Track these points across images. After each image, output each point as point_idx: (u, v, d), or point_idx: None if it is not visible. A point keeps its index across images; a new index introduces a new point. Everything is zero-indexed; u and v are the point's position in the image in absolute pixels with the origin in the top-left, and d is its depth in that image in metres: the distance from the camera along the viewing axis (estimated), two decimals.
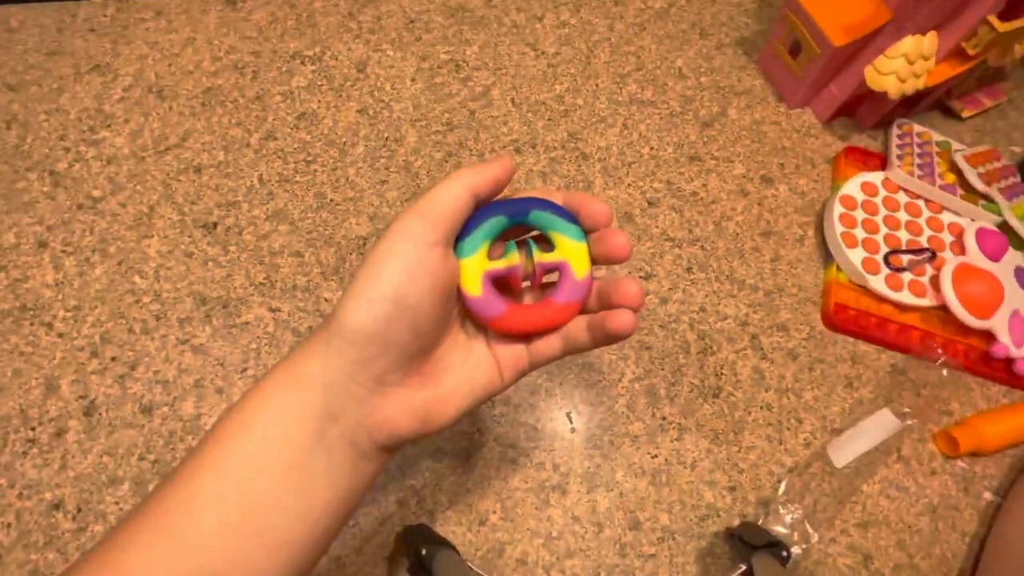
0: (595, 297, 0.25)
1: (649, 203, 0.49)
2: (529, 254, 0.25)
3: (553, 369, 0.43)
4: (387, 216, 0.48)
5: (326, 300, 0.44)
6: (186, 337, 0.42)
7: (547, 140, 0.51)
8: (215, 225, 0.46)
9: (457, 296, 0.24)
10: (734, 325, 0.46)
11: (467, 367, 0.24)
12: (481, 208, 0.24)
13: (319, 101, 0.51)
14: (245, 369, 0.41)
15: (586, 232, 0.24)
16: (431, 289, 0.21)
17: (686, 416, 0.43)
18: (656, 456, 0.41)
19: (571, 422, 0.42)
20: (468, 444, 0.41)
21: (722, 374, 0.44)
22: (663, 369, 0.44)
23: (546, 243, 0.25)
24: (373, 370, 0.21)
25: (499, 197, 0.24)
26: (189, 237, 0.46)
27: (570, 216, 0.24)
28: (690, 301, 0.46)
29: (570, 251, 0.24)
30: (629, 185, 0.50)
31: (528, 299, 0.26)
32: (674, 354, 0.45)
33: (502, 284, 0.25)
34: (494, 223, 0.24)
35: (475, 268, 0.24)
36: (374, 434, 0.21)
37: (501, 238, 0.25)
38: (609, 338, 0.23)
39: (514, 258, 0.24)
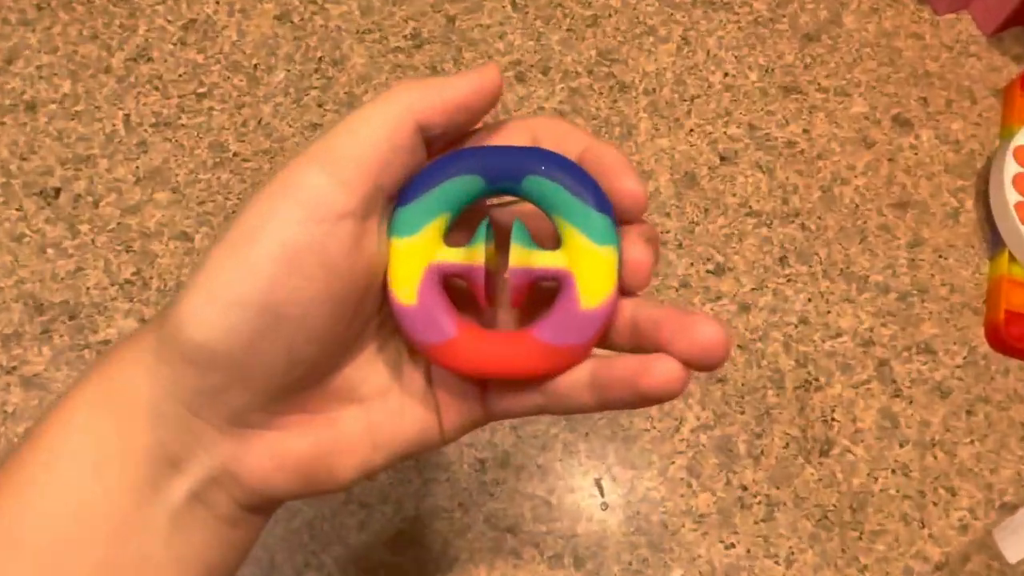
0: (626, 326, 0.21)
1: (722, 158, 0.49)
2: (506, 247, 0.21)
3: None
4: None
5: None
6: (12, 364, 0.42)
7: (565, 62, 0.50)
8: (57, 192, 0.46)
9: (382, 299, 0.21)
10: (852, 345, 0.45)
11: (386, 406, 0.22)
12: (441, 157, 0.21)
13: (218, 1, 0.50)
14: None
15: (619, 225, 0.21)
16: (327, 291, 0.19)
17: (778, 484, 0.42)
18: (733, 546, 0.41)
19: (602, 494, 0.41)
20: (446, 527, 0.40)
21: (833, 420, 0.44)
22: (743, 413, 0.43)
23: (546, 233, 0.23)
24: (226, 405, 0.20)
25: (474, 143, 0.21)
26: (17, 210, 0.45)
27: (598, 193, 0.20)
28: (784, 309, 0.46)
29: (583, 256, 0.20)
30: (691, 131, 0.49)
31: (504, 318, 0.23)
32: (760, 390, 0.44)
33: (458, 288, 0.22)
34: (459, 185, 0.21)
35: (415, 257, 0.21)
36: (235, 492, 0.21)
37: (469, 213, 0.22)
38: (638, 401, 0.20)
39: (480, 255, 0.21)
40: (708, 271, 0.47)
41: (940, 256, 0.48)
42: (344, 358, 0.22)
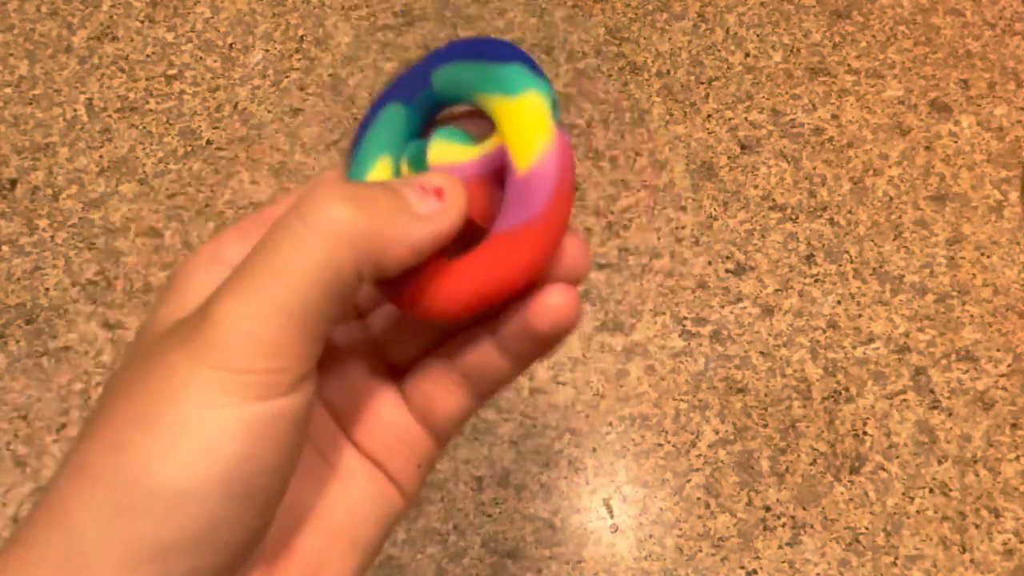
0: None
1: (743, 147, 0.48)
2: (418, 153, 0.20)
3: (580, 425, 0.42)
4: (301, 170, 0.47)
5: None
6: None
7: (571, 41, 0.50)
8: (12, 184, 0.45)
9: None
10: (885, 352, 0.44)
11: (339, 508, 0.21)
12: (374, 102, 0.20)
13: None
14: (64, 426, 0.40)
15: (541, 73, 0.19)
16: (291, 452, 0.18)
17: (805, 504, 0.41)
18: (755, 572, 0.40)
19: (611, 515, 0.41)
20: (440, 551, 0.39)
21: (865, 435, 0.43)
22: (765, 426, 0.43)
23: (474, 118, 0.20)
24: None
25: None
26: None
27: (502, 46, 0.19)
28: (811, 312, 0.45)
29: (505, 117, 0.18)
30: (709, 117, 0.48)
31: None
32: (785, 400, 0.43)
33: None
34: (387, 122, 0.19)
35: None
36: None
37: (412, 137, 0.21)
38: (541, 344, 0.19)
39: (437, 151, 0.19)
40: (728, 271, 0.46)
41: (982, 254, 0.47)
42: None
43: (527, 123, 0.18)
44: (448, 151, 0.19)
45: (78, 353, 0.41)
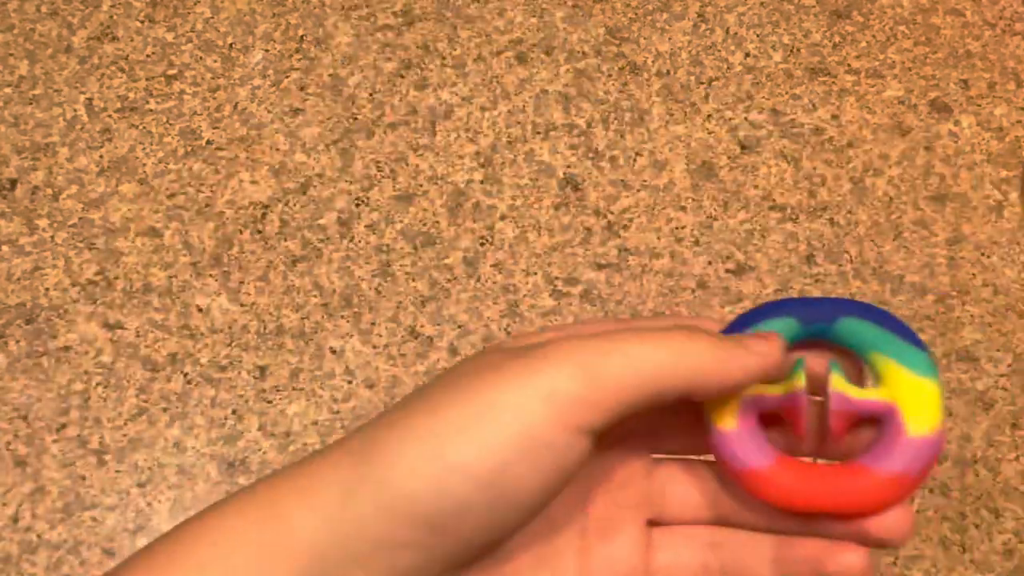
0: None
1: (742, 147, 0.48)
2: (822, 383, 0.24)
3: None
4: (302, 170, 0.47)
5: (199, 310, 0.43)
6: None
7: (571, 41, 0.50)
8: (13, 184, 0.45)
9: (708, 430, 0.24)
10: None
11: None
12: (758, 306, 0.25)
13: None
14: (64, 426, 0.40)
15: (935, 363, 0.25)
16: (553, 486, 0.21)
17: None
18: None
19: None
20: None
21: None
22: None
23: (856, 373, 0.25)
24: (400, 563, 0.21)
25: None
26: None
27: (910, 332, 0.24)
28: None
29: (907, 388, 0.23)
30: (709, 117, 0.48)
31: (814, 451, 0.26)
32: None
33: (772, 420, 0.25)
34: (778, 327, 0.24)
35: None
36: None
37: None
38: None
39: (800, 382, 0.23)
40: (728, 270, 0.46)
41: (982, 254, 0.47)
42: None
43: (928, 402, 0.22)
44: (845, 386, 0.23)
45: (78, 353, 0.41)
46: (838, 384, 0.23)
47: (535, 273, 0.44)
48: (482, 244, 0.44)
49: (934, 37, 0.51)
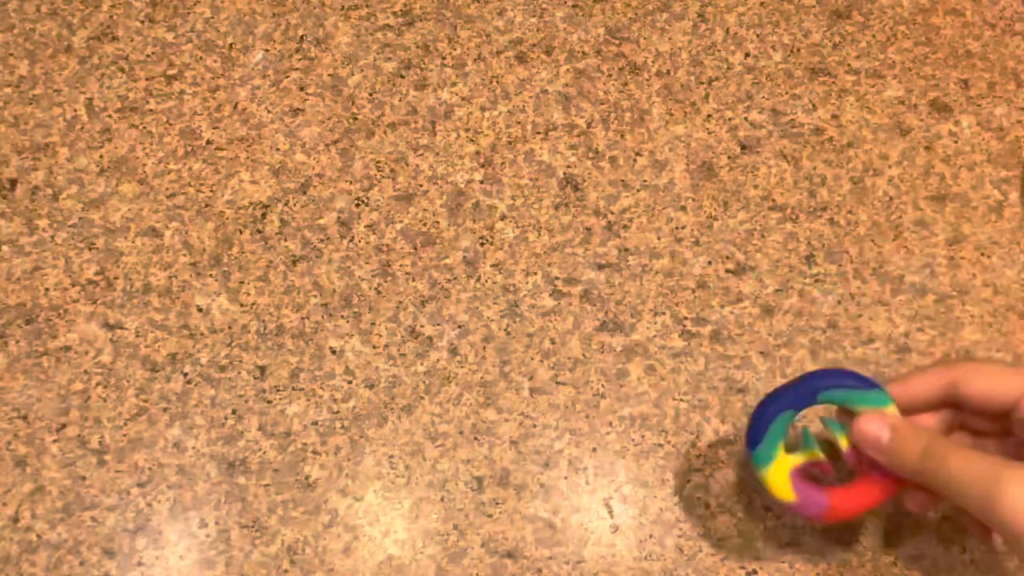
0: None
1: (742, 147, 0.48)
2: (832, 434, 0.36)
3: (580, 425, 0.43)
4: (302, 170, 0.47)
5: (199, 310, 0.43)
6: None
7: (571, 41, 0.50)
8: (13, 184, 0.45)
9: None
10: (885, 352, 0.44)
11: None
12: (762, 404, 0.36)
13: None
14: (64, 426, 0.40)
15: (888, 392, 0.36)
16: None
17: None
18: (755, 573, 0.40)
19: (611, 515, 0.41)
20: (440, 551, 0.39)
21: None
22: None
23: (846, 414, 0.36)
24: None
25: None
26: None
27: (866, 380, 0.36)
28: (811, 312, 0.45)
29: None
30: (709, 117, 0.48)
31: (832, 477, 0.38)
32: None
33: (810, 471, 0.37)
34: (783, 421, 0.36)
35: (780, 471, 0.35)
36: None
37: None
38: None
39: (816, 451, 0.36)
40: (728, 270, 0.46)
41: (982, 254, 0.47)
42: None
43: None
44: (843, 440, 0.36)
45: (78, 353, 0.41)
46: (844, 442, 0.35)
47: (535, 273, 0.44)
48: (482, 244, 0.44)
49: (934, 37, 0.51)
